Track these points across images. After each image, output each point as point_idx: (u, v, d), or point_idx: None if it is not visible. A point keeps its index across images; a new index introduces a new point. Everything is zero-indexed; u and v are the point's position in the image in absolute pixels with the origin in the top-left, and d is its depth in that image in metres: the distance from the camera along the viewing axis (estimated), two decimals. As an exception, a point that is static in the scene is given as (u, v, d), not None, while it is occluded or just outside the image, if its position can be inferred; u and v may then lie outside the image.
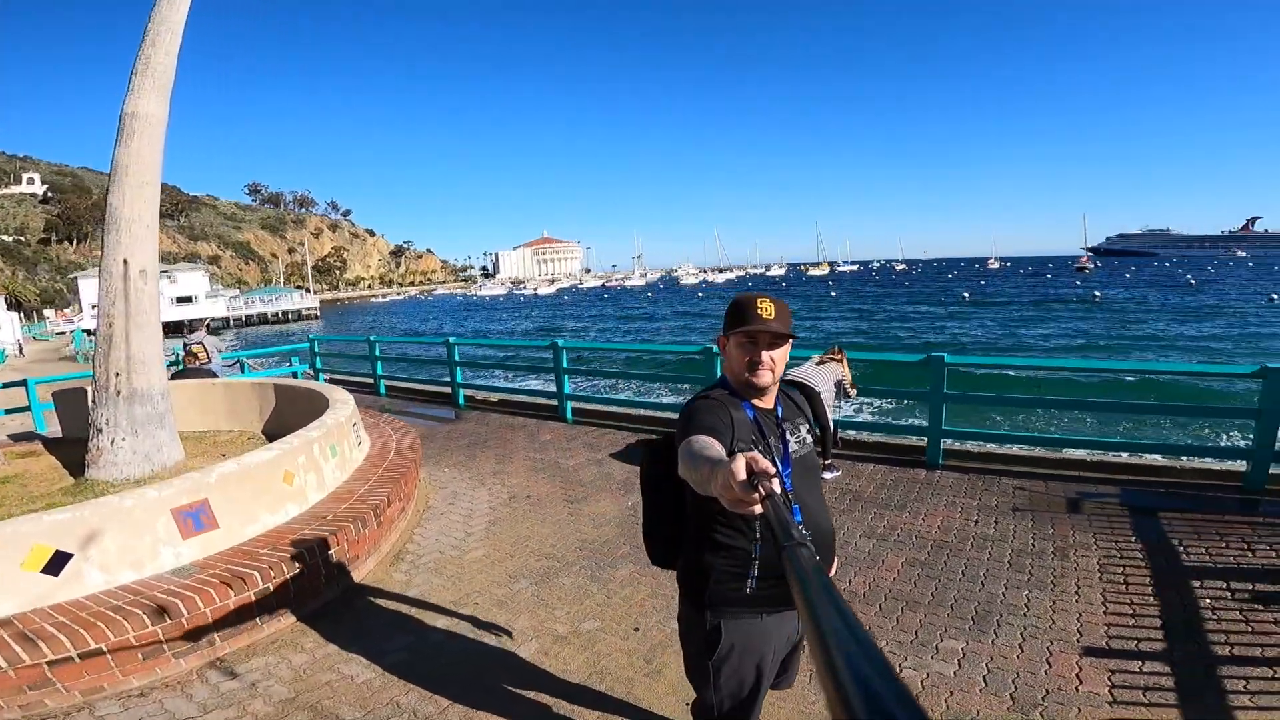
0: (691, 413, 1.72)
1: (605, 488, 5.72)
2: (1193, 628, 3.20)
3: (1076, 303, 46.10)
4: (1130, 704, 2.70)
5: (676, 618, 1.98)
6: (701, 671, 1.84)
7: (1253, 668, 2.88)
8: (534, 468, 6.47)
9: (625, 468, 6.27)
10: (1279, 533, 4.15)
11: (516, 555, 4.46)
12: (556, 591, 3.92)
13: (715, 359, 7.10)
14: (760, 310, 1.69)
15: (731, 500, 1.06)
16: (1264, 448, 4.88)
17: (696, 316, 48.41)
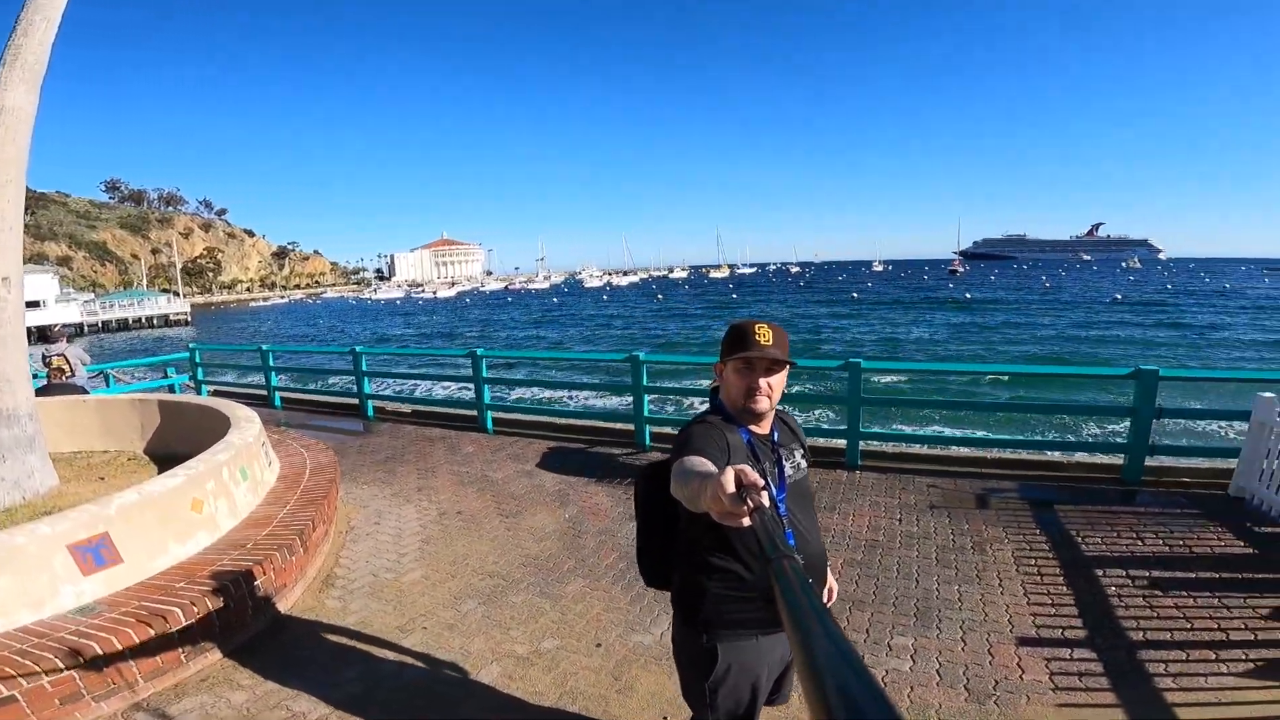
0: (687, 436, 1.70)
1: (540, 500, 5.59)
2: (1107, 614, 3.46)
3: (951, 304, 50.08)
4: (1070, 690, 2.88)
5: (671, 638, 1.94)
6: (697, 692, 1.82)
7: (1167, 651, 3.13)
8: (460, 482, 6.24)
9: (557, 478, 6.16)
10: (1160, 521, 4.60)
11: (458, 575, 4.28)
12: (508, 611, 3.79)
13: (641, 366, 7.13)
14: (758, 336, 1.68)
15: (720, 513, 1.06)
16: (1138, 443, 5.40)
17: (605, 322, 48.45)
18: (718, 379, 1.84)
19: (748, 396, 1.71)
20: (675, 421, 8.23)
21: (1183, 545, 4.21)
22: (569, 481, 6.03)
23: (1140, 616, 3.43)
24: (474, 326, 48.24)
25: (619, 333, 39.43)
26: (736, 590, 1.72)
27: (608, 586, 4.02)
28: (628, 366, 7.29)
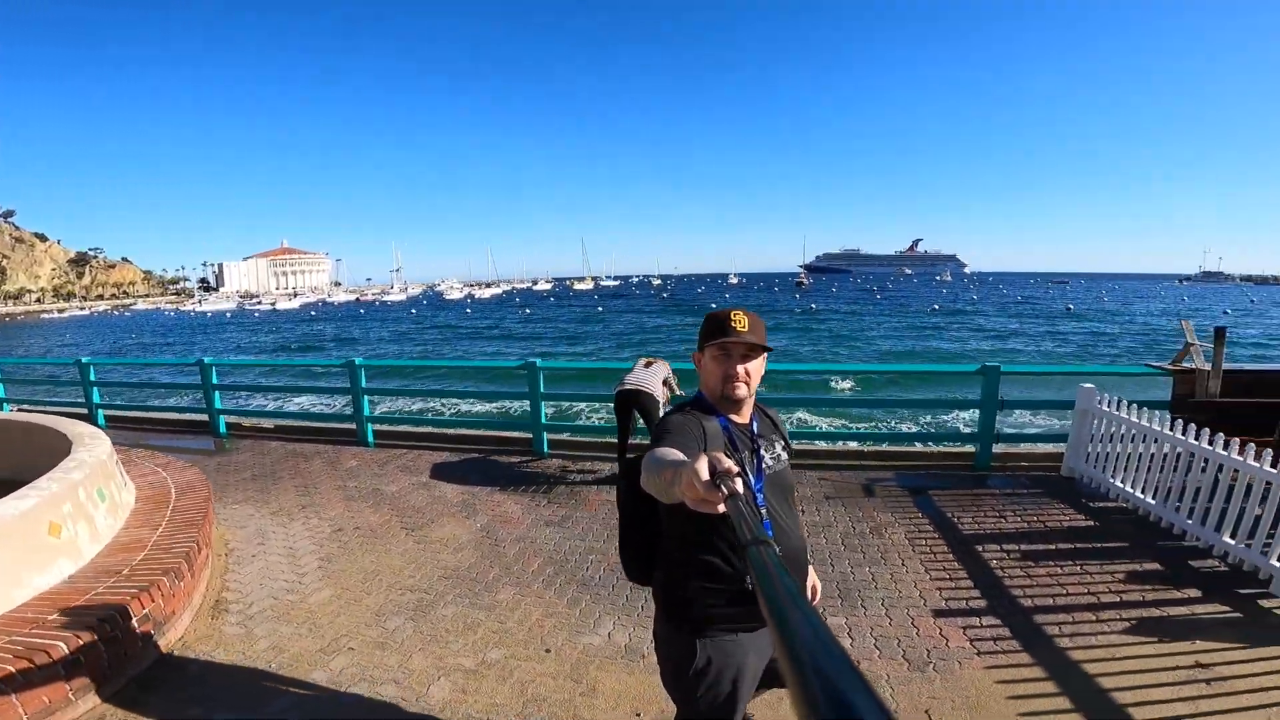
0: (661, 425, 1.69)
1: (444, 512, 5.36)
2: (997, 585, 3.81)
3: (800, 313, 54.04)
4: (992, 654, 3.14)
5: (652, 633, 1.92)
6: (679, 687, 1.80)
7: (1055, 614, 3.47)
8: (350, 497, 5.84)
9: (458, 489, 5.92)
10: (1014, 501, 5.19)
11: (373, 592, 4.01)
12: (440, 625, 3.59)
13: (538, 373, 7.07)
14: (734, 323, 1.67)
15: (695, 500, 1.04)
16: (986, 433, 6.09)
17: (474, 332, 46.97)
18: (696, 368, 1.82)
19: (726, 383, 1.70)
20: (575, 428, 8.23)
21: (1038, 521, 4.77)
22: (472, 491, 5.82)
23: (1024, 585, 3.82)
24: (327, 341, 44.77)
25: (490, 344, 38.45)
26: (716, 585, 1.70)
27: (540, 592, 3.94)
28: (524, 374, 7.19)
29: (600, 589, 3.95)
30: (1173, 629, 3.28)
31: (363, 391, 7.76)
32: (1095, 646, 3.16)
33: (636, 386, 5.69)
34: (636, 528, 1.91)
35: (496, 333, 44.36)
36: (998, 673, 3.00)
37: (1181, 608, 3.49)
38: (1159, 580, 3.81)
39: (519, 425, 7.62)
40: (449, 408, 14.41)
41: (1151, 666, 2.97)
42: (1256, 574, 3.76)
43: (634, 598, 3.82)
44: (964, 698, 2.83)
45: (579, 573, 4.18)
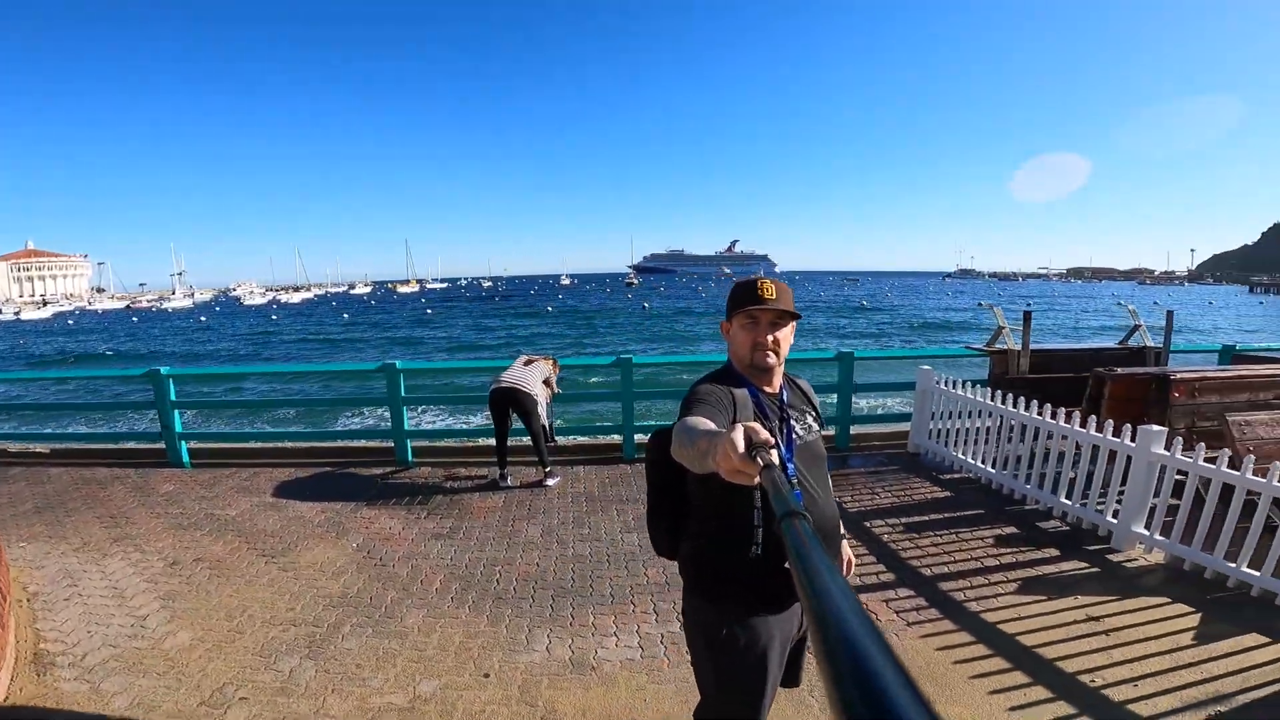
0: (691, 395, 1.64)
1: (308, 534, 4.74)
2: (897, 559, 4.02)
3: (634, 313, 55.59)
4: (919, 624, 3.31)
5: (680, 611, 1.87)
6: (705, 665, 1.77)
7: (955, 581, 3.72)
8: (178, 525, 4.98)
9: (317, 507, 5.26)
10: (878, 478, 5.60)
11: (247, 630, 3.43)
12: (348, 660, 3.15)
13: (399, 375, 6.50)
14: (762, 290, 1.67)
15: (729, 470, 1.03)
16: (844, 415, 6.58)
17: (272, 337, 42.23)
18: (725, 336, 1.79)
19: (755, 351, 1.69)
20: (440, 434, 7.67)
21: (906, 495, 5.17)
22: (335, 509, 5.21)
23: (918, 556, 4.07)
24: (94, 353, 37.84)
25: (316, 349, 34.90)
26: (745, 559, 1.67)
27: (453, 612, 3.59)
28: (382, 377, 6.58)
29: (520, 601, 3.70)
30: (1054, 586, 3.67)
31: (171, 405, 6.65)
32: (1001, 608, 3.44)
33: (513, 385, 5.45)
34: (663, 500, 1.86)
35: (321, 338, 40.36)
36: (934, 640, 3.18)
37: (1049, 566, 3.92)
38: (1020, 542, 4.25)
39: (377, 434, 6.97)
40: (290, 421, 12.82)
41: (1054, 623, 3.28)
42: (1096, 531, 4.31)
43: (559, 606, 3.62)
44: (918, 667, 2.96)
45: (490, 586, 3.89)
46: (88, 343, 43.02)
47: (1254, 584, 3.46)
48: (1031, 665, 2.94)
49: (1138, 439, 3.95)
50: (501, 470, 5.72)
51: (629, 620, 3.45)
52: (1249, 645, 3.02)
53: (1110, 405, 4.93)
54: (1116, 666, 2.91)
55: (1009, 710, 2.66)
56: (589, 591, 3.79)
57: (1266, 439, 4.14)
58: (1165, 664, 2.91)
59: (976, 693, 2.78)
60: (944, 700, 2.74)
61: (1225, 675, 2.80)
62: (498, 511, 5.09)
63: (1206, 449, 3.65)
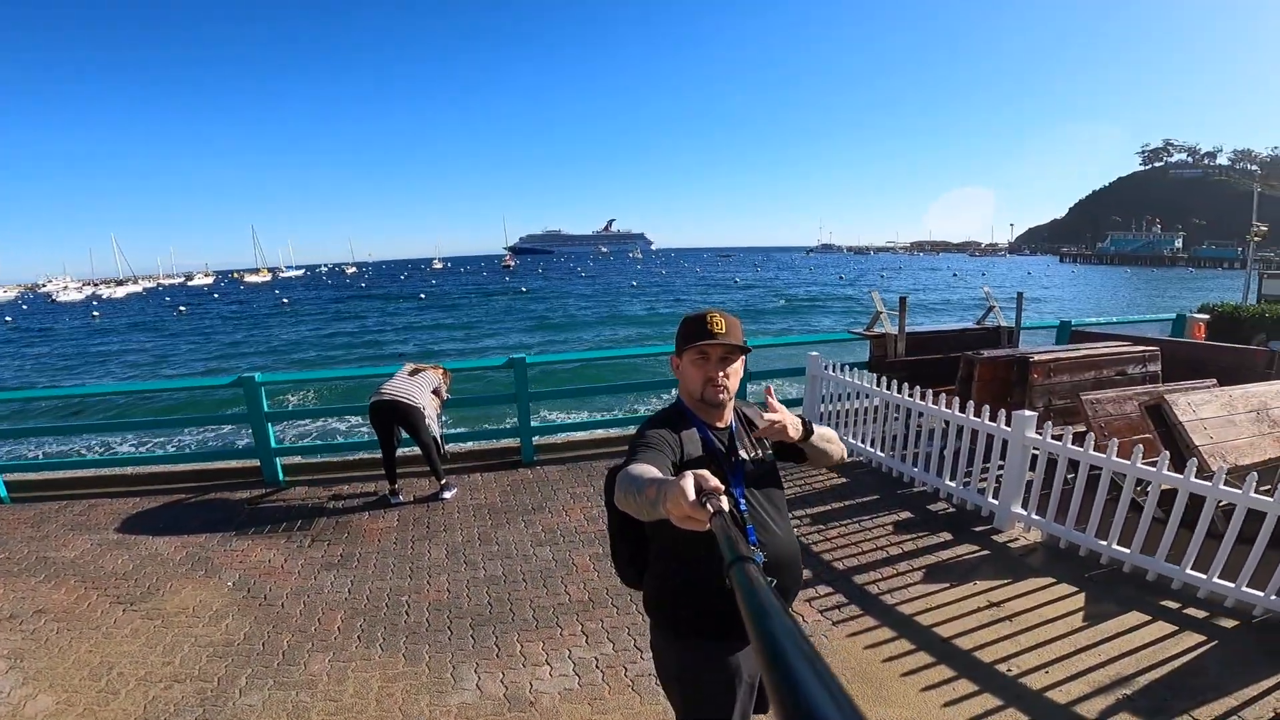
0: (636, 438, 1.65)
1: (168, 574, 4.20)
2: (808, 552, 4.05)
3: (511, 295, 54.40)
4: (844, 622, 3.37)
5: (650, 644, 1.88)
6: (675, 697, 1.81)
7: (867, 573, 3.81)
8: (6, 572, 4.33)
9: (174, 541, 4.67)
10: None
11: (121, 689, 3.01)
12: (252, 717, 2.82)
13: (259, 388, 5.83)
14: (712, 325, 1.67)
15: (680, 517, 1.07)
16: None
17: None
18: (675, 373, 1.79)
19: (706, 386, 1.69)
20: (316, 449, 7.00)
21: (806, 484, 5.29)
22: (197, 542, 4.65)
23: (829, 549, 4.15)
24: None
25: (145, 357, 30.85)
26: (701, 596, 1.69)
27: (363, 653, 3.28)
28: (239, 394, 5.87)
29: (437, 634, 3.44)
30: (953, 572, 3.85)
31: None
32: (912, 599, 3.57)
33: (394, 397, 5.08)
34: (626, 532, 1.86)
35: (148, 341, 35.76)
36: (860, 639, 3.25)
37: (946, 551, 4.12)
38: (917, 528, 4.45)
39: (238, 453, 6.25)
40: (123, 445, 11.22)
41: (962, 611, 3.43)
42: (979, 512, 4.60)
43: (480, 637, 3.40)
44: (851, 669, 3.02)
45: (399, 620, 3.59)
46: None
47: (1125, 560, 3.77)
48: (952, 658, 3.07)
49: (1013, 424, 4.26)
50: (392, 486, 5.35)
51: (559, 645, 3.30)
52: (1133, 624, 3.27)
53: (979, 387, 5.32)
54: (1025, 654, 3.08)
55: (943, 707, 2.76)
56: (510, 617, 3.60)
57: (1115, 415, 4.61)
58: (1066, 648, 3.11)
59: (910, 691, 2.87)
60: (880, 702, 2.81)
61: (1121, 656, 3.03)
62: (393, 532, 4.74)
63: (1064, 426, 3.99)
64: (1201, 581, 3.45)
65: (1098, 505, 3.90)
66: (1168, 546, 3.58)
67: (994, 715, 2.71)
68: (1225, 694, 2.75)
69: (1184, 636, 3.17)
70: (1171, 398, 4.31)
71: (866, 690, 2.89)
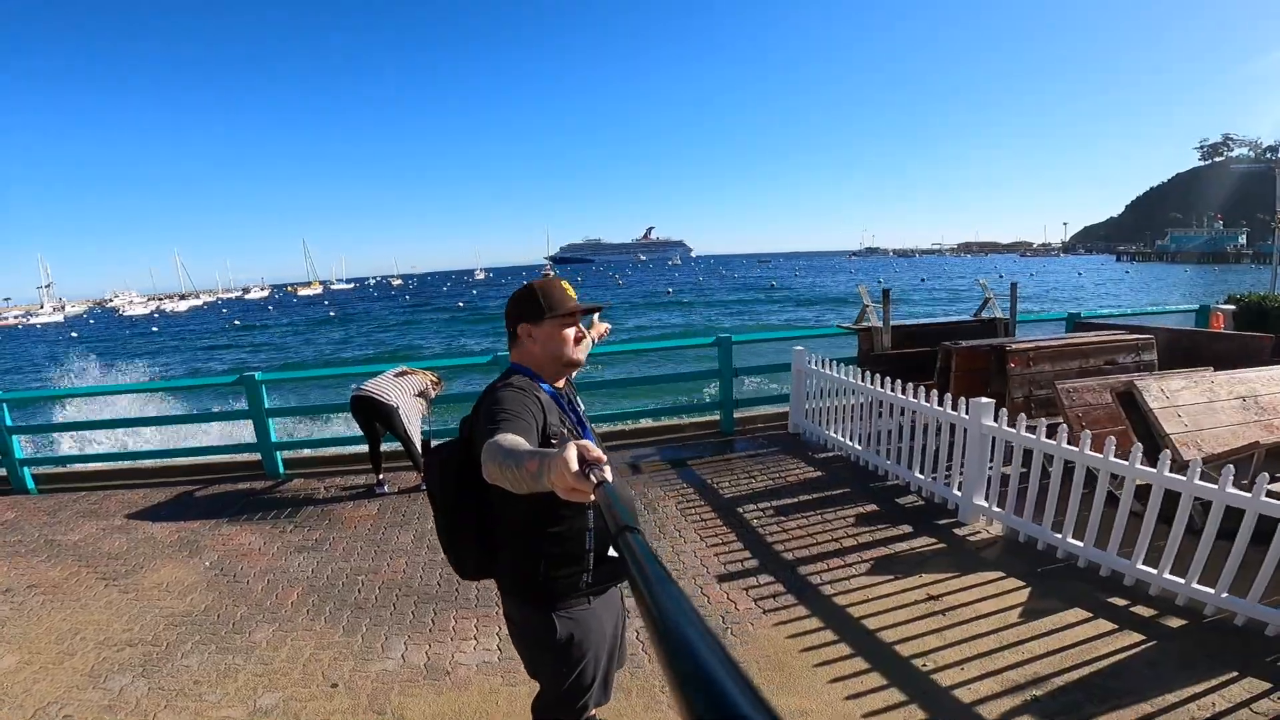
0: (496, 403, 1.58)
1: (155, 555, 4.48)
2: (762, 544, 4.10)
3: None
4: (775, 610, 3.37)
5: (505, 617, 1.88)
6: (545, 667, 1.82)
7: (814, 564, 3.81)
8: (14, 553, 4.69)
9: (171, 527, 4.96)
10: (758, 460, 5.71)
11: (78, 651, 3.30)
12: (185, 676, 3.04)
13: (259, 386, 6.10)
14: (569, 292, 1.79)
15: (565, 489, 1.05)
16: (727, 399, 6.66)
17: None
18: (524, 342, 1.76)
19: (576, 347, 1.78)
20: (318, 443, 7.21)
21: (780, 477, 5.28)
22: (190, 528, 4.92)
23: (782, 540, 4.15)
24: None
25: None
26: (568, 558, 1.73)
27: (307, 625, 3.46)
28: (245, 390, 6.15)
29: (380, 610, 3.58)
30: (902, 565, 3.79)
31: (8, 430, 6.08)
32: (851, 590, 3.54)
33: (367, 393, 5.27)
34: (466, 520, 1.79)
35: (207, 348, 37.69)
36: (785, 629, 3.23)
37: (902, 544, 4.05)
38: (879, 520, 4.39)
39: (243, 448, 6.55)
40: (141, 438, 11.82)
41: (897, 604, 3.38)
42: (946, 504, 4.51)
43: (420, 613, 3.52)
44: (766, 658, 3.01)
45: (350, 597, 3.76)
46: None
47: (1079, 555, 3.64)
48: (872, 650, 3.02)
49: (970, 411, 4.17)
50: (378, 477, 5.55)
51: (491, 624, 3.39)
52: (1071, 621, 3.15)
53: (957, 378, 5.21)
54: (948, 649, 3.00)
55: (845, 699, 2.71)
56: (454, 597, 3.71)
57: (1094, 404, 4.46)
58: (991, 644, 3.02)
59: (817, 681, 2.84)
60: (785, 691, 2.79)
61: (1045, 655, 2.92)
62: (370, 520, 4.92)
63: (1042, 417, 3.86)
64: (1152, 577, 3.31)
65: (1052, 497, 3.78)
66: (1146, 544, 3.38)
67: (893, 711, 2.64)
68: (1143, 699, 2.60)
69: (1121, 635, 3.04)
70: (1143, 383, 4.15)
71: (775, 678, 2.88)
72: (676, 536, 4.35)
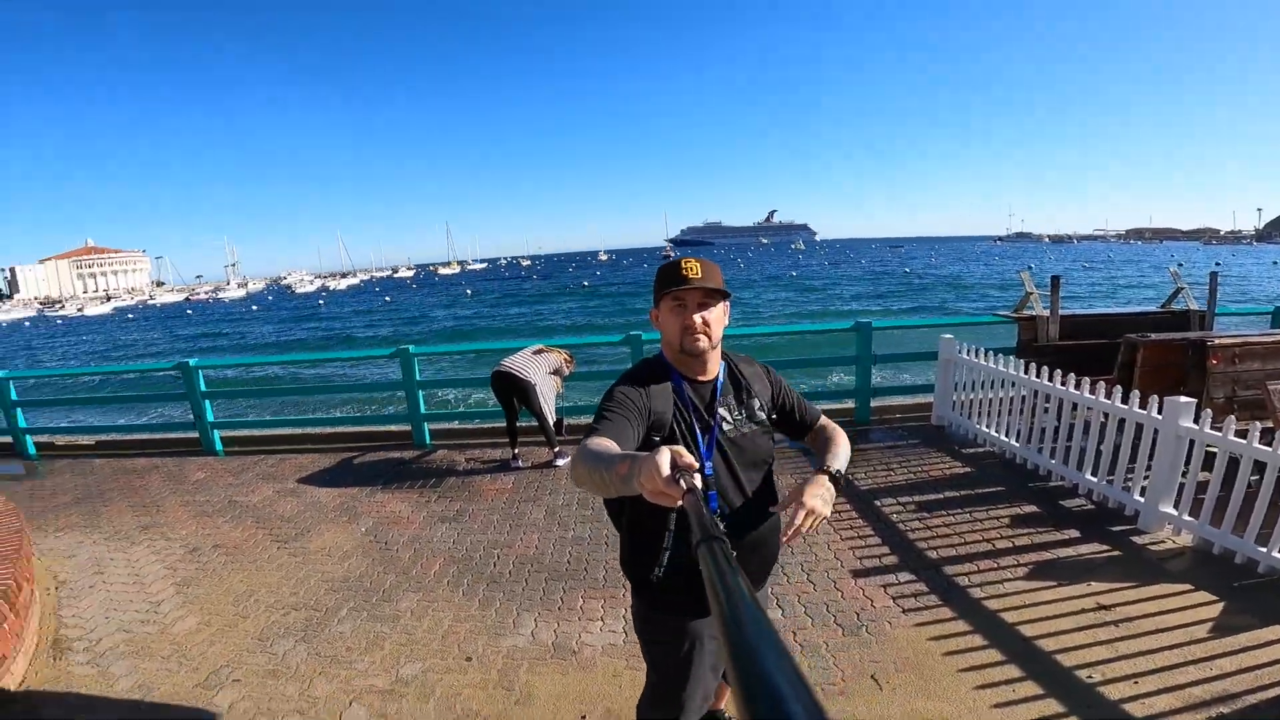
0: (607, 398, 1.56)
1: (321, 519, 4.85)
2: (903, 540, 3.87)
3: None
4: (916, 610, 3.18)
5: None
6: (647, 653, 1.84)
7: (961, 565, 3.56)
8: (202, 512, 5.15)
9: (333, 492, 5.37)
10: (896, 453, 5.39)
11: (250, 614, 3.53)
12: (339, 643, 3.21)
13: (412, 360, 6.53)
14: (686, 270, 1.56)
15: (653, 493, 1.04)
16: (864, 387, 6.33)
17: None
18: (655, 325, 1.68)
19: (684, 335, 1.58)
20: (461, 415, 7.74)
21: (923, 471, 4.97)
22: (350, 494, 5.31)
23: (925, 537, 3.91)
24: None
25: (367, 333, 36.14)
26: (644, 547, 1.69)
27: (447, 596, 3.62)
28: (400, 361, 6.65)
29: (513, 585, 3.70)
30: (1066, 571, 3.45)
31: (202, 395, 6.87)
32: (1005, 595, 3.27)
33: (507, 370, 5.46)
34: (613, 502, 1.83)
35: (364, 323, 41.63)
36: (927, 630, 3.04)
37: (1067, 549, 3.69)
38: (1039, 522, 4.02)
39: (396, 419, 7.08)
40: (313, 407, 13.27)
41: (1060, 611, 3.09)
42: (1122, 510, 4.06)
43: (551, 591, 3.61)
44: (904, 659, 2.85)
45: (486, 570, 3.90)
46: (147, 336, 45.14)
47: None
48: (1027, 658, 2.78)
49: (1164, 411, 3.68)
50: (514, 451, 5.76)
51: (618, 604, 3.41)
52: (1269, 639, 2.77)
53: (1143, 374, 4.62)
54: (1119, 661, 2.71)
55: (993, 707, 2.51)
56: (583, 575, 3.77)
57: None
58: (1173, 659, 2.70)
59: (962, 687, 2.64)
60: (920, 693, 2.62)
61: (1237, 672, 2.59)
62: (506, 493, 5.10)
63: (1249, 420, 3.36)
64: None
65: (1260, 506, 3.27)
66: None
67: (1047, 722, 2.40)
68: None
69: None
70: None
71: (911, 679, 2.71)
72: (809, 528, 4.19)
